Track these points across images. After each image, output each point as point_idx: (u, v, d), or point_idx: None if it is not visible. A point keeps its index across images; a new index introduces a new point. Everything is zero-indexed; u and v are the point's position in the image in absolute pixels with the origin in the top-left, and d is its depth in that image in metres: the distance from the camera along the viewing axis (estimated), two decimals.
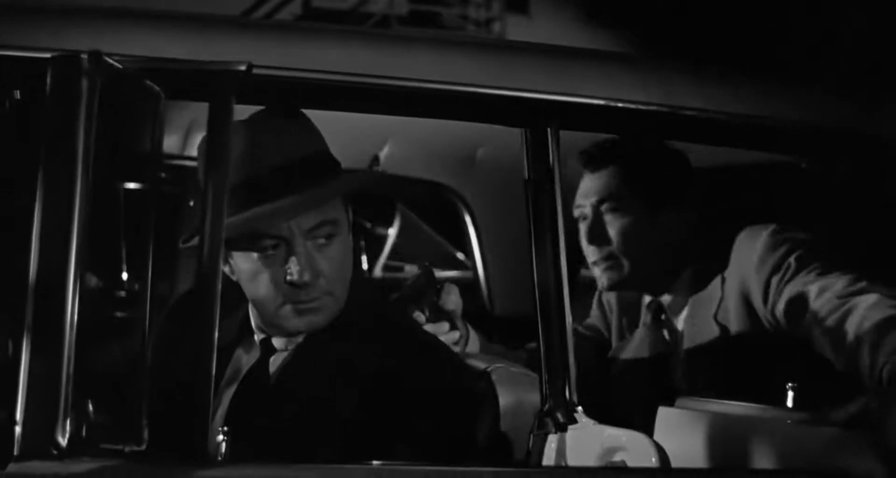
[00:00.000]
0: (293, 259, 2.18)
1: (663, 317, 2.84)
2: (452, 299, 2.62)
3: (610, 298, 3.03)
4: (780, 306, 2.58)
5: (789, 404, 2.31)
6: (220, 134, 1.87)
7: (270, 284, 2.20)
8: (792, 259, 2.60)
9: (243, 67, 1.88)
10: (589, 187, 2.82)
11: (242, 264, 2.23)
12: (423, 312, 2.58)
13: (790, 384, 2.32)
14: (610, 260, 2.80)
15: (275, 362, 2.29)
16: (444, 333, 2.58)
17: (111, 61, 1.83)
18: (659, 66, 2.40)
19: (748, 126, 2.43)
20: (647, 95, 2.31)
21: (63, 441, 1.75)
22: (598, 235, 2.79)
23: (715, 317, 2.72)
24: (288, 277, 2.19)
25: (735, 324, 2.68)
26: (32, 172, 1.81)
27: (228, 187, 1.91)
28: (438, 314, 2.61)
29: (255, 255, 2.20)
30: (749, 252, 2.67)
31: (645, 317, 2.88)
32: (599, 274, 2.83)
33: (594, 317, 3.10)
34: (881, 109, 2.56)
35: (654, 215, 2.78)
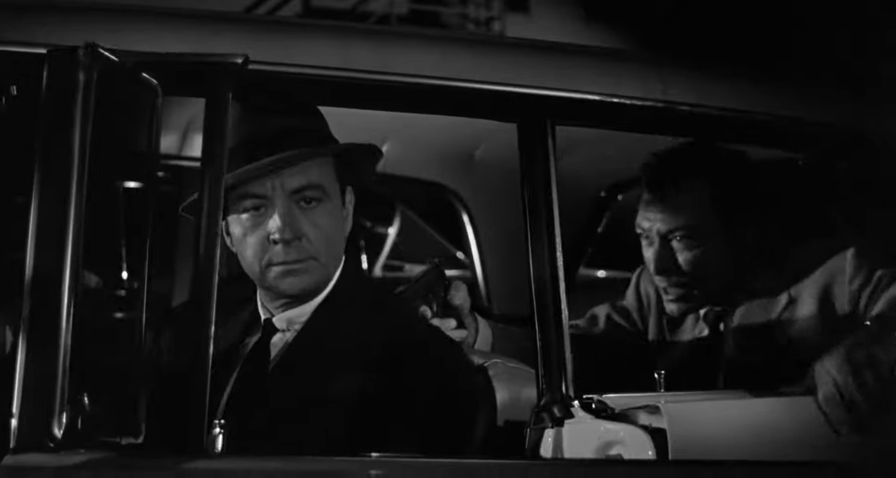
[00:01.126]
0: (275, 217, 2.24)
1: (721, 327, 2.79)
2: (460, 296, 2.62)
3: (650, 290, 2.97)
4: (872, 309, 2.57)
5: None
6: (217, 127, 1.87)
7: (257, 244, 2.26)
8: (879, 275, 2.58)
9: (239, 61, 1.89)
10: (655, 211, 2.73)
11: (234, 229, 2.29)
12: (430, 307, 2.59)
13: None
14: (680, 288, 2.74)
15: (275, 344, 2.33)
16: (450, 329, 2.58)
17: (107, 55, 1.84)
18: (657, 63, 2.40)
19: (745, 122, 2.43)
20: (644, 91, 2.32)
21: (59, 434, 1.76)
22: (666, 264, 2.72)
23: (779, 318, 2.68)
24: (271, 236, 2.24)
25: (805, 321, 2.65)
26: (29, 166, 1.82)
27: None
28: (446, 310, 2.61)
29: (244, 216, 2.26)
30: (835, 269, 2.62)
31: (700, 326, 2.83)
32: (667, 300, 2.78)
33: (629, 303, 3.05)
34: (879, 106, 2.57)
35: (726, 240, 2.71)
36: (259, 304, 2.36)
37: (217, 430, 1.85)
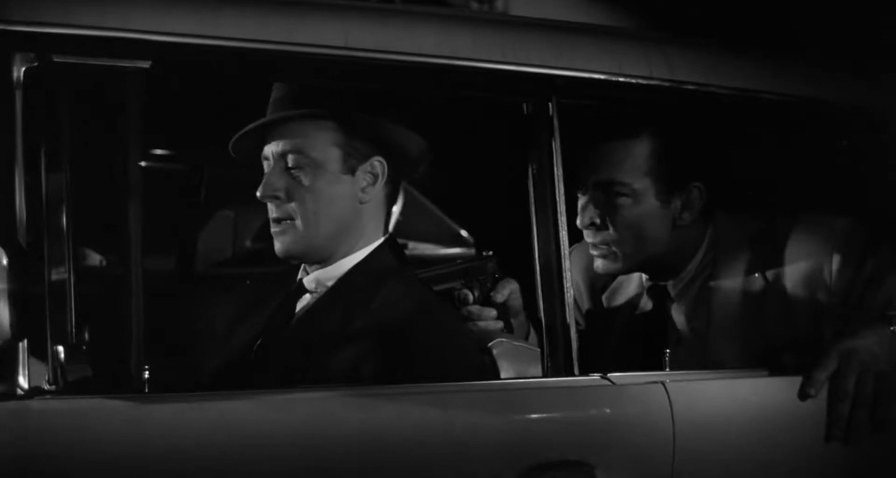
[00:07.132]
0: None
1: (670, 303, 2.69)
2: (503, 294, 2.55)
3: (584, 261, 2.79)
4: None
5: None
6: (131, 129, 1.90)
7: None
8: (871, 260, 2.53)
9: (146, 66, 1.89)
10: (595, 162, 2.61)
11: None
12: (472, 292, 2.57)
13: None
14: (606, 245, 2.62)
15: (300, 304, 2.39)
16: (489, 318, 2.54)
17: (27, 57, 1.84)
18: (662, 41, 2.40)
19: (750, 101, 2.43)
20: (649, 70, 2.31)
21: (26, 383, 1.80)
22: (595, 217, 2.61)
23: (752, 303, 2.60)
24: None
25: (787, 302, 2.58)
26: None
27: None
28: (486, 301, 2.59)
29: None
30: (820, 254, 2.55)
31: (644, 300, 2.74)
32: (593, 255, 2.65)
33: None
34: (878, 84, 2.57)
35: (663, 206, 2.61)
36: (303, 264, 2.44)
37: (146, 373, 1.88)
